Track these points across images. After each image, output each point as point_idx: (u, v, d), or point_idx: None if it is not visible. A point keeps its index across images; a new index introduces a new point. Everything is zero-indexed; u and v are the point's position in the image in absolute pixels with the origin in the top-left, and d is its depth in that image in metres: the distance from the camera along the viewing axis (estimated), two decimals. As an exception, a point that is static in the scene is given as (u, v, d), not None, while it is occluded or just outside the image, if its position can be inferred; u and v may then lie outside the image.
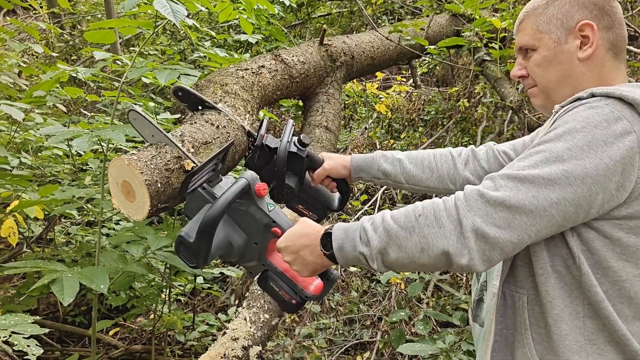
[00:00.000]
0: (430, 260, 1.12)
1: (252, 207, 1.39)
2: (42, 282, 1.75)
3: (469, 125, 4.61)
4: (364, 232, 1.19)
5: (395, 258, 1.15)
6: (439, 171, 1.64)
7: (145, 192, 1.39)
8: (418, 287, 1.98)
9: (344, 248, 1.21)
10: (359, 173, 1.70)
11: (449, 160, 1.64)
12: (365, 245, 1.18)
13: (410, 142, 4.85)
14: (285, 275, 1.43)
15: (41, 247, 3.89)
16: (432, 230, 1.11)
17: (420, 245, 1.12)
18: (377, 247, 1.16)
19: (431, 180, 1.65)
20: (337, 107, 2.39)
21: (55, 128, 1.86)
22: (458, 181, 1.62)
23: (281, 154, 1.58)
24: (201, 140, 1.53)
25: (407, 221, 1.14)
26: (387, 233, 1.15)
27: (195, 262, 1.34)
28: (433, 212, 1.12)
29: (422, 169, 1.65)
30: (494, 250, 1.07)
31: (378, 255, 1.16)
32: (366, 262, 1.20)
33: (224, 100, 1.71)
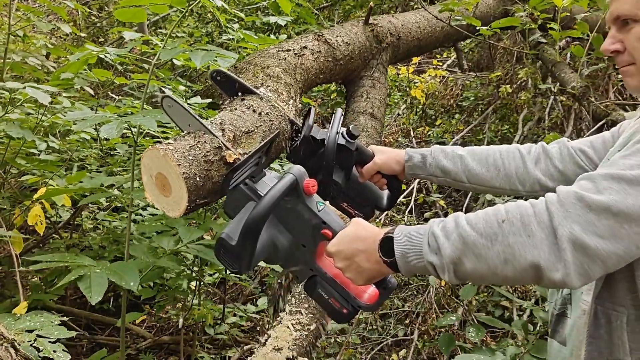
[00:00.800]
0: (515, 273, 0.97)
1: (300, 205, 1.24)
2: (69, 278, 1.63)
3: (508, 112, 4.39)
4: (433, 238, 1.04)
5: (472, 269, 1.00)
6: (505, 170, 1.47)
7: (182, 187, 1.25)
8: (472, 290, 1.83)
9: (408, 255, 1.06)
10: (414, 170, 1.54)
11: (517, 157, 1.47)
12: (434, 253, 1.03)
13: (447, 130, 4.65)
14: (336, 282, 1.29)
15: (68, 233, 3.82)
16: (519, 239, 0.95)
17: (504, 256, 0.96)
18: (450, 256, 1.01)
19: (497, 180, 1.48)
20: (383, 93, 2.21)
21: (82, 113, 1.73)
22: (528, 182, 1.45)
23: (330, 146, 1.43)
24: (243, 129, 1.38)
25: (487, 227, 0.99)
26: (462, 240, 1.00)
27: (237, 267, 1.20)
28: (520, 218, 0.96)
29: (487, 167, 1.48)
30: (594, 263, 0.91)
31: (451, 265, 1.01)
32: (435, 273, 1.05)
33: (266, 84, 1.56)
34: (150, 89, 5.27)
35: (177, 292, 2.67)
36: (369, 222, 1.25)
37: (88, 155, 3.85)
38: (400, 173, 1.56)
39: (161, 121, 1.75)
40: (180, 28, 6.11)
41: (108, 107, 3.27)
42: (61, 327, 1.43)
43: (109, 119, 1.69)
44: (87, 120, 1.64)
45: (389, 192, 1.63)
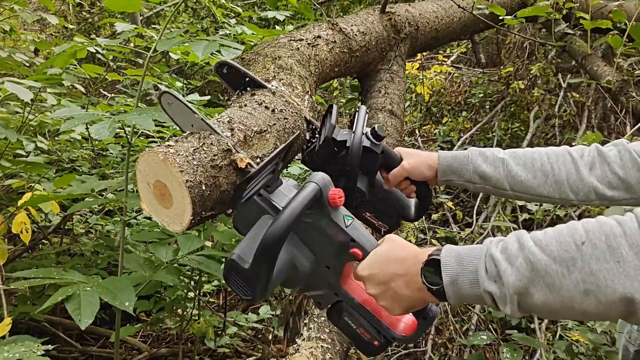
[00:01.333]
0: (598, 308, 0.79)
1: (324, 220, 1.05)
2: (55, 299, 1.44)
3: (518, 109, 4.21)
4: (492, 262, 0.86)
5: (542, 302, 0.82)
6: (555, 176, 1.29)
7: (186, 197, 1.06)
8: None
9: (459, 283, 0.89)
10: (448, 175, 1.35)
11: (568, 162, 1.29)
12: (493, 281, 0.85)
13: (453, 128, 4.47)
14: (365, 310, 1.10)
15: (59, 238, 3.62)
16: (605, 266, 0.77)
17: (585, 287, 0.78)
18: (515, 285, 0.83)
19: (544, 187, 1.29)
20: (402, 88, 2.03)
21: (70, 110, 1.54)
22: (581, 190, 1.27)
23: (355, 149, 1.24)
24: (254, 129, 1.19)
25: (563, 251, 0.80)
26: (530, 266, 0.82)
27: (251, 294, 1.01)
28: (605, 239, 0.78)
29: (533, 173, 1.30)
30: None
31: (515, 296, 0.83)
32: (493, 304, 0.87)
33: (278, 77, 1.37)
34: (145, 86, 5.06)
35: (175, 303, 2.48)
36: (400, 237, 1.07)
37: (79, 157, 3.65)
38: (431, 179, 1.38)
39: (158, 120, 1.56)
40: (174, 24, 5.90)
41: (100, 106, 3.07)
42: (44, 359, 1.24)
43: (99, 117, 1.50)
44: (76, 118, 1.45)
45: (417, 201, 1.45)
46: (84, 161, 3.64)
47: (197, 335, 2.49)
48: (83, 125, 2.53)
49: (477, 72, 4.81)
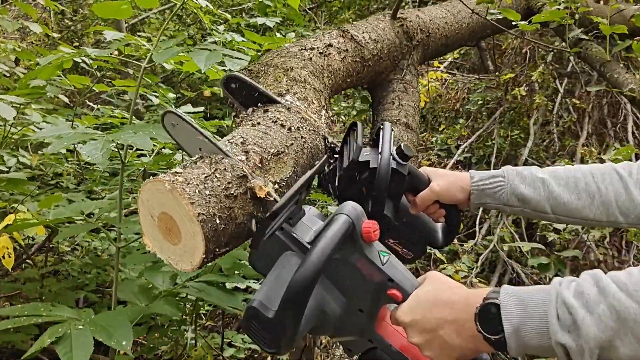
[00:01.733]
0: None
1: (357, 257, 0.92)
2: (43, 342, 1.28)
3: (517, 116, 4.12)
4: (565, 309, 0.73)
5: (631, 356, 0.70)
6: (602, 197, 1.16)
7: (197, 232, 0.92)
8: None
9: (523, 332, 0.76)
10: (482, 198, 1.22)
11: (616, 180, 1.16)
12: (567, 331, 0.73)
13: (450, 135, 4.36)
14: (405, 358, 0.97)
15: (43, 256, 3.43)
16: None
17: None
18: (597, 338, 0.70)
19: (591, 210, 1.17)
20: (417, 99, 1.90)
21: (58, 129, 1.39)
22: (632, 211, 1.14)
23: (383, 172, 1.11)
24: (271, 151, 1.05)
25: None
26: (616, 315, 0.70)
27: (275, 347, 0.87)
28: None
29: (577, 194, 1.17)
30: None
31: (595, 350, 0.71)
32: (566, 357, 0.74)
33: (292, 90, 1.23)
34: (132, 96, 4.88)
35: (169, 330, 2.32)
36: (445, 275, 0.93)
37: (63, 171, 3.47)
38: (463, 202, 1.25)
39: (156, 138, 1.41)
40: (161, 32, 5.72)
41: (86, 118, 2.91)
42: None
43: (91, 135, 1.35)
44: (64, 138, 1.29)
45: (445, 225, 1.32)
46: (69, 176, 3.46)
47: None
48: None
49: (472, 78, 4.72)
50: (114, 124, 2.90)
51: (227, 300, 1.72)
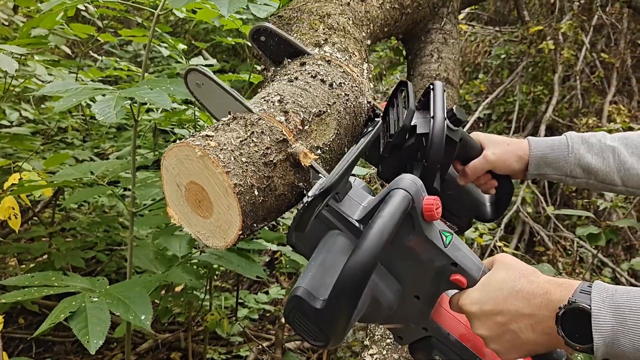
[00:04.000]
0: None
1: (416, 238, 0.79)
2: (57, 317, 1.18)
3: (540, 71, 3.92)
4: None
5: None
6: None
7: (233, 205, 0.79)
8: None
9: (618, 345, 0.66)
10: (542, 168, 1.09)
11: None
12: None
13: (469, 91, 4.18)
14: (463, 347, 0.86)
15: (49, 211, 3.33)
16: None
17: None
18: None
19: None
20: (457, 51, 1.74)
21: (65, 84, 1.24)
22: None
23: (437, 140, 0.97)
24: (312, 110, 0.91)
25: None
26: None
27: (323, 339, 0.75)
28: None
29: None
30: None
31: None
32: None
33: (331, 40, 1.08)
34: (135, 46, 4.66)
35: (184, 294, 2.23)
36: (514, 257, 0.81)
37: (68, 126, 3.33)
38: (519, 172, 1.11)
39: (173, 95, 1.27)
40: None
41: (91, 71, 2.75)
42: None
43: (101, 90, 1.21)
44: (73, 94, 1.15)
45: (494, 197, 1.19)
46: (74, 132, 3.32)
47: (210, 329, 2.26)
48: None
49: (492, 30, 4.49)
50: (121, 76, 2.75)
51: (248, 268, 1.61)
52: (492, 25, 4.89)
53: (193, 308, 2.42)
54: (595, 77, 3.66)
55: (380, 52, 3.71)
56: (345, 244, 0.79)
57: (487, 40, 4.23)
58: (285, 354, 2.74)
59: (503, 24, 4.94)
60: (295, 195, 0.87)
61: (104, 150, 3.15)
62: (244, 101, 0.86)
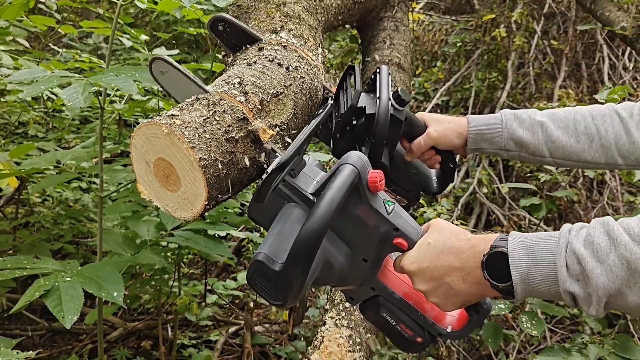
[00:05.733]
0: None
1: (362, 207, 0.89)
2: (31, 295, 1.23)
3: (494, 58, 4.08)
4: (574, 258, 0.73)
5: (636, 303, 0.70)
6: (601, 139, 1.15)
7: (198, 178, 0.86)
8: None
9: (531, 280, 0.76)
10: (479, 143, 1.20)
11: (616, 122, 1.15)
12: (576, 280, 0.72)
13: (427, 79, 4.31)
14: (407, 304, 0.96)
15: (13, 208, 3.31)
16: None
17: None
18: (606, 287, 0.70)
19: (589, 153, 1.16)
20: (408, 37, 1.83)
21: (31, 72, 1.28)
22: (632, 154, 1.13)
23: (382, 118, 1.06)
24: (270, 91, 0.99)
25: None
26: (627, 265, 0.69)
27: (282, 299, 0.84)
28: None
29: (576, 136, 1.16)
30: None
31: (604, 297, 0.71)
32: (573, 303, 0.75)
33: (287, 27, 1.16)
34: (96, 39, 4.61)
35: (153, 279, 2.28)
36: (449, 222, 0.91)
37: (30, 119, 3.32)
38: (460, 147, 1.22)
39: (138, 81, 1.32)
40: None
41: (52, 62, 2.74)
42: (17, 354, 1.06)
43: (68, 78, 1.26)
44: (40, 82, 1.20)
45: (439, 171, 1.29)
46: (36, 125, 3.30)
47: (180, 312, 2.32)
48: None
49: (449, 19, 4.63)
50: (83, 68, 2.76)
51: (214, 248, 1.69)
52: (449, 15, 5.03)
53: (162, 294, 2.47)
54: (546, 63, 3.83)
55: (342, 42, 3.81)
56: (300, 214, 0.88)
57: (444, 29, 4.36)
58: (254, 336, 2.82)
59: (460, 13, 5.09)
60: (257, 169, 0.95)
61: (68, 142, 3.15)
62: (204, 86, 0.93)
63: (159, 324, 2.63)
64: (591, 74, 4.21)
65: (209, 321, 2.95)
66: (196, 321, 2.80)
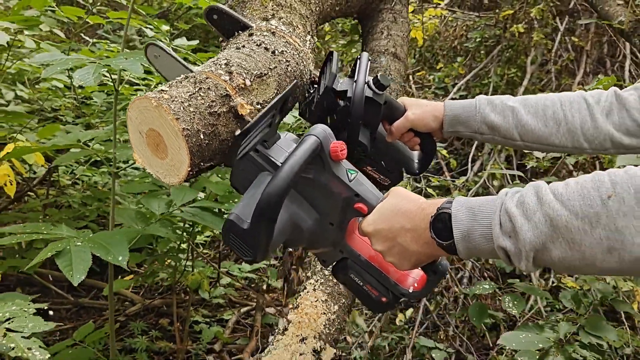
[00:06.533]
0: (621, 265, 0.74)
1: (326, 175, 0.98)
2: (44, 254, 1.37)
3: (515, 54, 4.10)
4: (506, 217, 0.80)
5: (560, 258, 0.77)
6: (568, 124, 1.22)
7: (182, 147, 0.97)
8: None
9: (471, 238, 0.84)
10: (455, 126, 1.28)
11: (583, 108, 1.22)
12: (508, 236, 0.80)
13: (448, 74, 4.36)
14: (372, 266, 1.05)
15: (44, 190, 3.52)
16: (633, 222, 0.71)
17: (608, 243, 0.73)
18: (531, 242, 0.77)
19: (557, 137, 1.23)
20: (406, 29, 1.92)
21: (50, 55, 1.42)
22: (597, 138, 1.20)
23: (357, 100, 1.16)
24: (254, 72, 1.09)
25: (586, 205, 0.74)
26: (550, 223, 0.76)
27: (251, 255, 0.95)
28: (634, 193, 0.72)
29: (545, 121, 1.23)
30: None
31: (531, 253, 0.78)
32: (507, 259, 0.82)
33: (278, 15, 1.26)
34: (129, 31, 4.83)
35: (167, 255, 2.42)
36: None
37: (61, 106, 3.51)
38: (437, 130, 1.30)
39: (146, 65, 1.44)
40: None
41: (82, 51, 2.92)
42: (36, 318, 1.18)
43: (83, 61, 1.39)
44: (57, 64, 1.34)
45: (421, 153, 1.38)
46: (67, 110, 3.50)
47: (192, 287, 2.45)
48: (65, 72, 2.40)
49: (472, 15, 4.66)
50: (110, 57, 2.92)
51: (220, 224, 1.80)
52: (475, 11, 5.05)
53: (177, 271, 2.61)
54: (566, 59, 3.83)
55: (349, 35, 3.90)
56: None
57: (465, 25, 4.39)
58: (265, 316, 2.94)
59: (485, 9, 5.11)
60: (239, 142, 1.05)
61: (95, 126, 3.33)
62: (191, 67, 1.04)
63: (174, 301, 2.77)
64: (614, 71, 4.18)
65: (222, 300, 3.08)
66: (209, 299, 2.93)
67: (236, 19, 1.20)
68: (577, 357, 1.25)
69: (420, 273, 1.06)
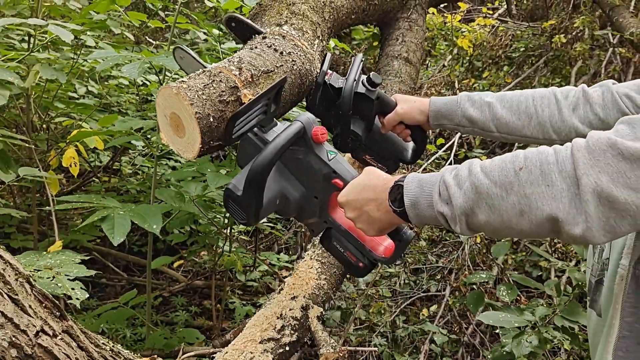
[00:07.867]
0: (530, 227, 0.89)
1: (309, 155, 1.18)
2: (92, 219, 1.64)
3: (561, 64, 4.12)
4: (444, 186, 0.96)
5: (485, 221, 0.92)
6: (538, 117, 1.36)
7: (195, 127, 1.19)
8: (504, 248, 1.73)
9: (418, 205, 1.00)
10: (439, 120, 1.45)
11: (552, 103, 1.35)
12: (445, 203, 0.96)
13: (493, 82, 4.43)
14: (350, 234, 1.23)
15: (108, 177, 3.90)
16: (537, 189, 0.86)
17: (520, 208, 0.88)
18: (462, 206, 0.93)
19: (528, 129, 1.37)
20: (420, 36, 2.08)
21: (105, 52, 1.69)
22: (563, 130, 1.34)
23: (346, 94, 1.35)
24: (262, 69, 1.30)
25: (503, 176, 0.90)
26: (475, 190, 0.92)
27: (244, 219, 1.16)
28: (539, 166, 0.87)
29: (518, 115, 1.37)
30: (622, 219, 0.82)
31: (462, 217, 0.94)
32: (446, 224, 0.98)
33: (290, 22, 1.47)
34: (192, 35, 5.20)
35: (207, 237, 2.68)
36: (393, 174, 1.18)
37: (125, 100, 3.87)
38: (424, 123, 1.47)
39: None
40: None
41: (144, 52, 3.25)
42: (81, 266, 1.44)
43: (131, 58, 1.65)
44: (109, 59, 1.60)
45: (414, 144, 1.55)
46: (130, 105, 3.86)
47: (227, 267, 2.70)
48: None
49: (522, 25, 4.70)
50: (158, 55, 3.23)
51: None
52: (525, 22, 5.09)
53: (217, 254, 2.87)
54: (612, 70, 3.83)
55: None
56: None
57: (510, 34, 4.45)
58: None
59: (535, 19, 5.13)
60: (245, 126, 1.27)
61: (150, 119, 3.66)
62: (208, 65, 1.27)
63: (213, 282, 3.03)
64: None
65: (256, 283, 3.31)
66: (244, 281, 3.17)
67: (251, 26, 1.42)
68: (549, 337, 1.37)
69: (390, 242, 1.23)
